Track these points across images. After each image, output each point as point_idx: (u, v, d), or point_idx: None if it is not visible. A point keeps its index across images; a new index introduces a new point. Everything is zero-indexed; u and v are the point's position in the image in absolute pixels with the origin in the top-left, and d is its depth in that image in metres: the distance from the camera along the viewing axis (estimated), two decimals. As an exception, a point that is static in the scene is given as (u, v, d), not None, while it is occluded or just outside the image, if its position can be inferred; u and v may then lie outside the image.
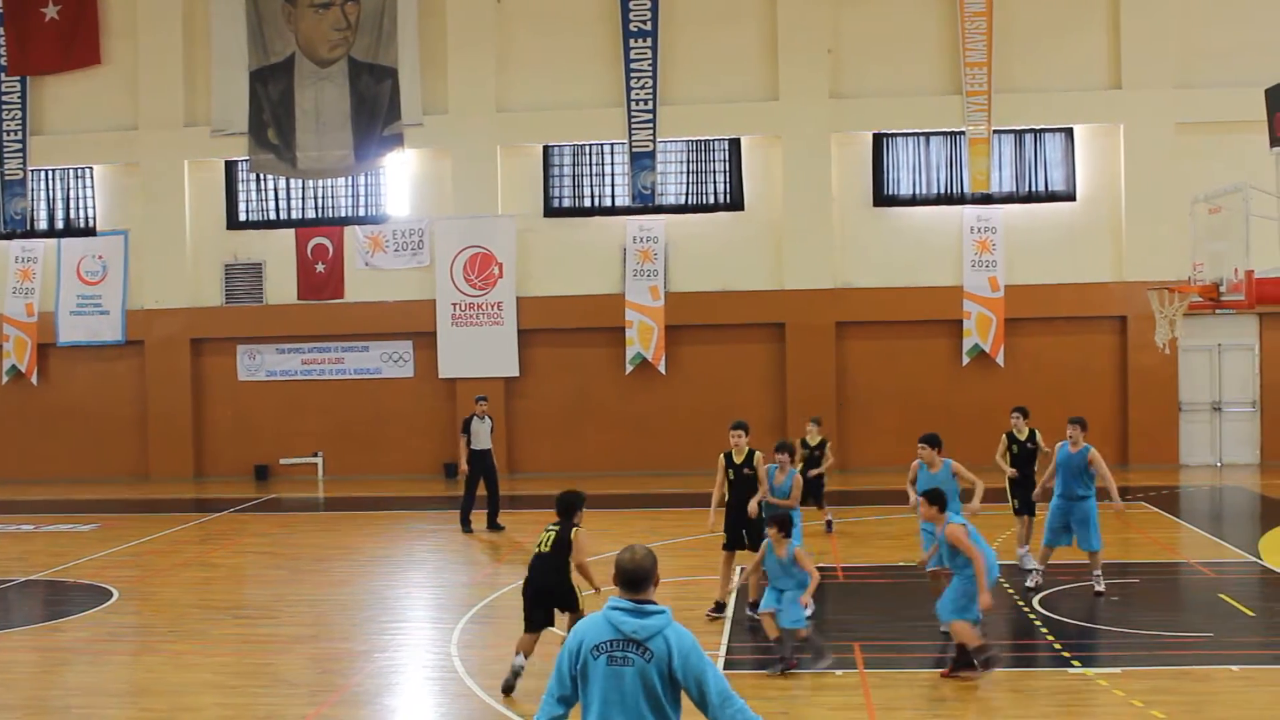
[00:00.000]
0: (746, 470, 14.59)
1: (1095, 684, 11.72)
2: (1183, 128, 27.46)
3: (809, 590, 12.42)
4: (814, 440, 19.76)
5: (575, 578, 12.12)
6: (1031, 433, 17.14)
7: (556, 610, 12.30)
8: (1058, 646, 13.06)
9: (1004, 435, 17.29)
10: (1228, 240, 17.05)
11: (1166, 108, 27.50)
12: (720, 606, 14.56)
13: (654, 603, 6.14)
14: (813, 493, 19.37)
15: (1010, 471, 17.00)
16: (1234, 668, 12.11)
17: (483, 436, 21.46)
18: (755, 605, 13.59)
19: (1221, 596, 15.09)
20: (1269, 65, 26.07)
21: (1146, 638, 13.41)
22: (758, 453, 14.78)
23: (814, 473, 19.25)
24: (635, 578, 6.16)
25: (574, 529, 12.24)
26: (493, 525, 21.35)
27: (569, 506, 12.39)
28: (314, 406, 29.55)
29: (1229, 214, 17.03)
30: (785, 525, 12.61)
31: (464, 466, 21.47)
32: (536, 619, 12.20)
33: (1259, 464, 27.81)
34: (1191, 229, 18.67)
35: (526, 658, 12.14)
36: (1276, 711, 11.06)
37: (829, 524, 20.17)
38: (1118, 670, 12.12)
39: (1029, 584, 15.66)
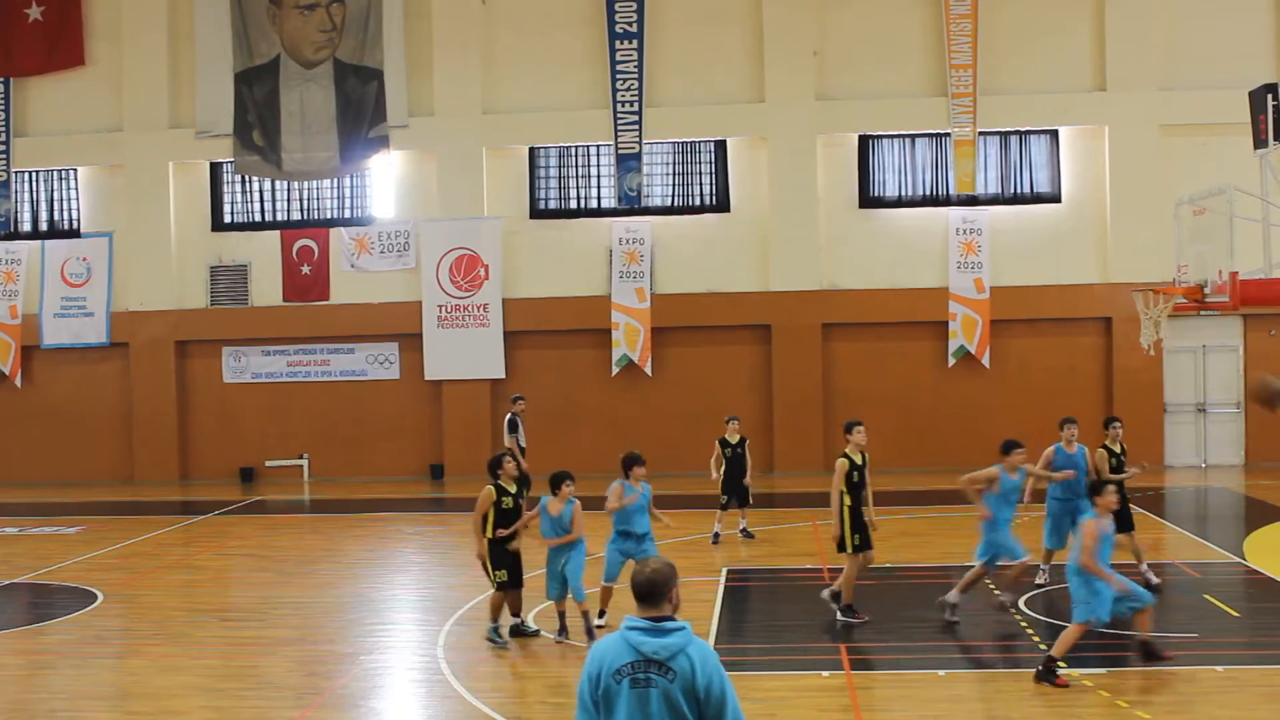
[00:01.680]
0: (866, 471, 14.43)
1: (1081, 684, 11.73)
2: (1167, 129, 27.57)
3: None
4: (734, 439, 19.71)
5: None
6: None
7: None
8: (1044, 647, 13.05)
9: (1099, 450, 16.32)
10: (1212, 242, 17.07)
11: (1151, 110, 27.60)
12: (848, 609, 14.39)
13: (672, 618, 5.85)
14: (736, 494, 19.42)
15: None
16: (1219, 668, 12.14)
17: (522, 434, 22.11)
18: (836, 595, 14.36)
19: (1206, 597, 15.13)
20: (1252, 67, 26.22)
21: (1132, 638, 13.43)
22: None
23: (741, 474, 19.52)
24: (649, 591, 5.86)
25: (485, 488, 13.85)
26: None
27: (490, 468, 13.98)
28: (299, 409, 29.50)
29: (1213, 216, 17.05)
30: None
31: (525, 463, 21.05)
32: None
33: (1243, 465, 27.89)
34: (1176, 231, 18.71)
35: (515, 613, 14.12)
36: (1261, 711, 11.09)
37: (745, 531, 19.92)
38: (1103, 671, 12.14)
39: (1038, 580, 15.70)
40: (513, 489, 13.93)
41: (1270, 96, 16.71)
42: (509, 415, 22.14)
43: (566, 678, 12.70)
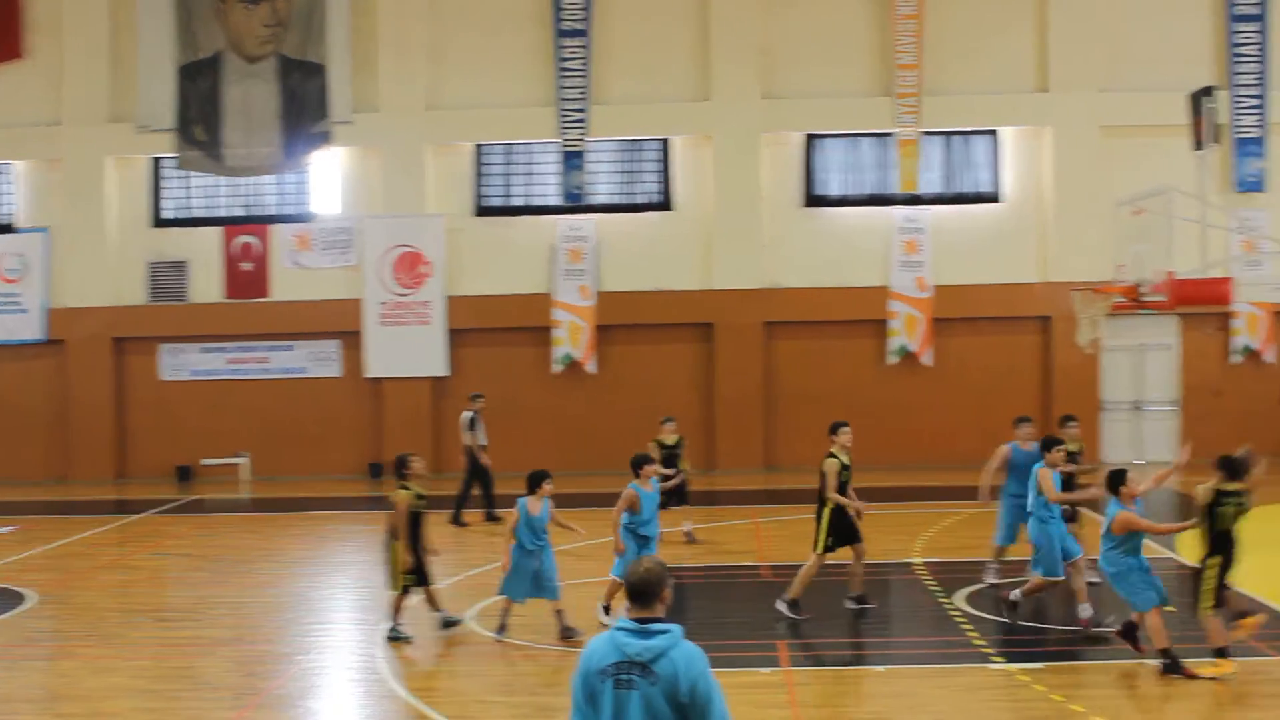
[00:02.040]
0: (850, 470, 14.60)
1: (1016, 679, 11.81)
2: (1108, 130, 27.84)
3: None
4: (671, 440, 19.58)
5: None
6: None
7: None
8: (979, 643, 13.15)
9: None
10: (1150, 242, 17.26)
11: (1093, 111, 27.86)
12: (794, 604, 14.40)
13: (661, 620, 5.79)
14: (674, 494, 19.23)
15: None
16: (1154, 662, 12.24)
17: (482, 431, 22.14)
18: (860, 599, 14.54)
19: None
20: (1192, 70, 26.65)
21: (1066, 633, 13.55)
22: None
23: (669, 477, 19.15)
24: (641, 591, 5.82)
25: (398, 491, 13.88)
26: (460, 519, 21.70)
27: (395, 469, 14.17)
28: (239, 406, 29.18)
29: (1152, 216, 17.24)
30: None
31: (486, 460, 21.79)
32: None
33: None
34: (1116, 231, 18.90)
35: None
36: (1191, 702, 11.23)
37: (688, 534, 19.50)
38: (1039, 665, 12.22)
39: (991, 580, 15.64)
40: (422, 490, 14.07)
41: (1207, 99, 16.91)
42: (468, 413, 22.11)
43: (506, 677, 12.64)
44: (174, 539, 21.53)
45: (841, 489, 14.29)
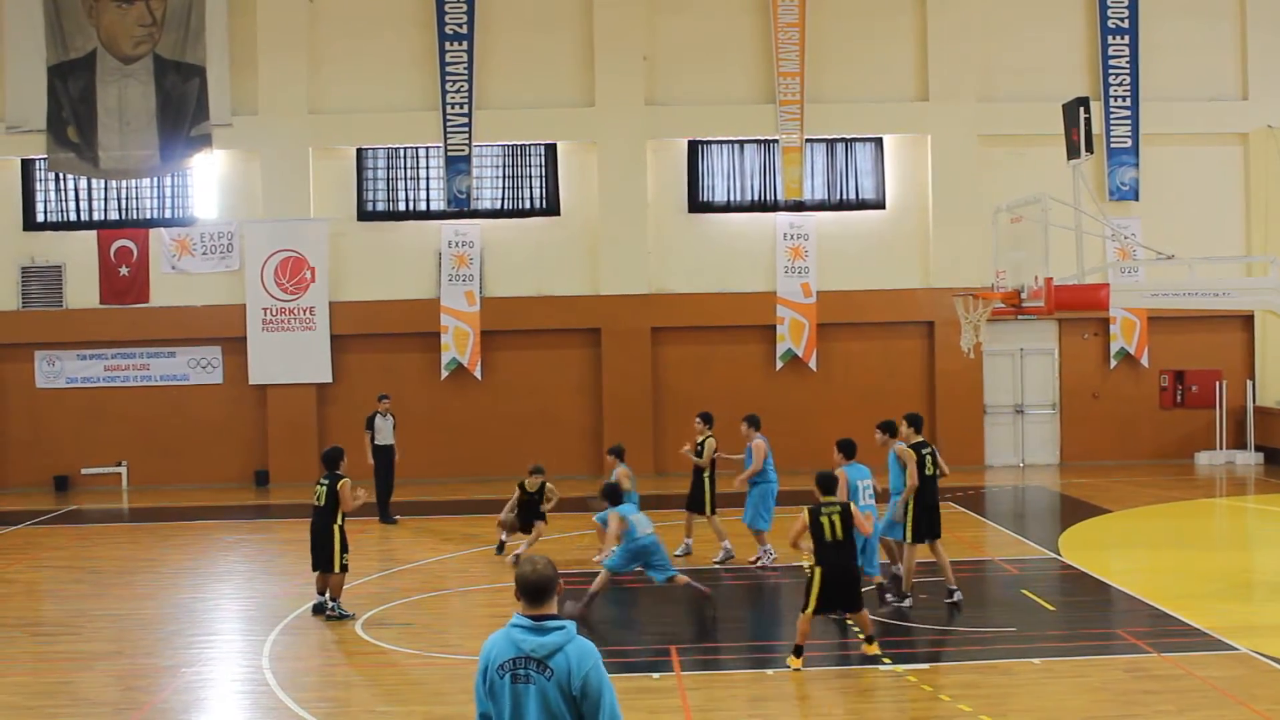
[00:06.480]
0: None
1: (905, 680, 11.98)
2: (986, 139, 28.42)
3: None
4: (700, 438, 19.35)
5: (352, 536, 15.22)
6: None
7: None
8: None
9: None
10: (1028, 249, 17.55)
11: (970, 120, 28.41)
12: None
13: (556, 617, 6.01)
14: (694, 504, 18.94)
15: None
16: (1035, 660, 12.52)
17: (386, 432, 22.84)
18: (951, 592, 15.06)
19: (1024, 592, 15.58)
20: (1066, 81, 27.38)
21: (953, 634, 13.77)
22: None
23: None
24: (536, 589, 5.99)
25: (340, 480, 14.94)
26: (385, 519, 22.74)
27: (333, 460, 15.14)
28: (118, 414, 28.55)
29: (1029, 224, 17.52)
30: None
31: (369, 461, 22.61)
32: (319, 561, 15.06)
33: (1058, 464, 28.91)
34: (994, 238, 19.22)
35: (321, 593, 15.12)
36: (1075, 700, 11.45)
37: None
38: (926, 666, 12.43)
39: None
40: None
41: (1082, 109, 17.27)
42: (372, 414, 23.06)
43: (398, 686, 12.51)
44: (51, 550, 20.97)
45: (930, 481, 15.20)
